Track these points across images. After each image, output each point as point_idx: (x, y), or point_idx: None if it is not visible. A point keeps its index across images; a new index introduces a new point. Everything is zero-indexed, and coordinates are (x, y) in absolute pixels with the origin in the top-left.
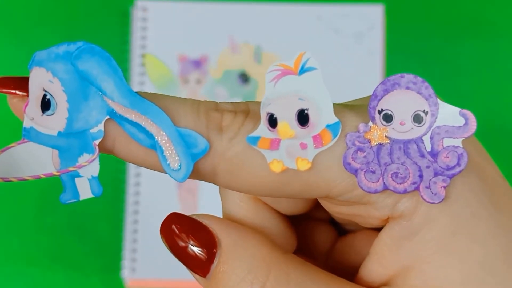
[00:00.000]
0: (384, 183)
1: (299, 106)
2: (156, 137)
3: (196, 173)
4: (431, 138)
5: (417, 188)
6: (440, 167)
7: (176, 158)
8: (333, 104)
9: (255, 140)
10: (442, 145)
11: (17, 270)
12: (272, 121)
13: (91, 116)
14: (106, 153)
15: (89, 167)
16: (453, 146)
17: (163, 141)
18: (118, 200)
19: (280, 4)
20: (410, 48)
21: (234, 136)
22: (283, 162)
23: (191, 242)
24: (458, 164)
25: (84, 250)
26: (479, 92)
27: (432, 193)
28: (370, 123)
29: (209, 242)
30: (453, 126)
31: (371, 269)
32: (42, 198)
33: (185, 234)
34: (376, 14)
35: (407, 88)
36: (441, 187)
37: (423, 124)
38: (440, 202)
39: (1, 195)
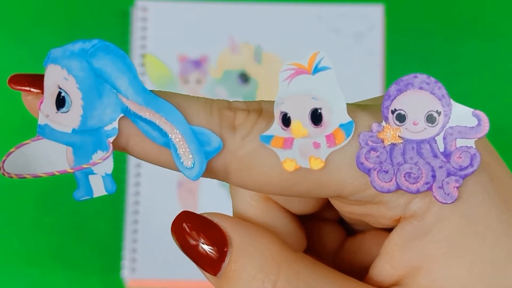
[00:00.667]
0: (397, 183)
1: (312, 105)
2: (169, 135)
3: (209, 171)
4: (444, 138)
5: (430, 188)
6: (453, 167)
7: (190, 156)
8: (347, 104)
9: (268, 138)
10: (455, 146)
11: (17, 270)
12: (286, 120)
13: (105, 113)
14: (120, 150)
15: (103, 165)
16: (466, 146)
17: (177, 139)
18: (118, 200)
19: (280, 4)
20: (410, 48)
21: (247, 135)
22: (296, 161)
23: (202, 240)
24: (471, 164)
25: (84, 250)
26: (478, 92)
27: (445, 193)
28: (383, 123)
29: (220, 240)
30: (466, 126)
31: (381, 269)
32: (42, 198)
33: (196, 233)
34: (376, 14)
35: (420, 88)
36: (454, 187)
37: (436, 125)
38: (453, 202)
39: (1, 195)
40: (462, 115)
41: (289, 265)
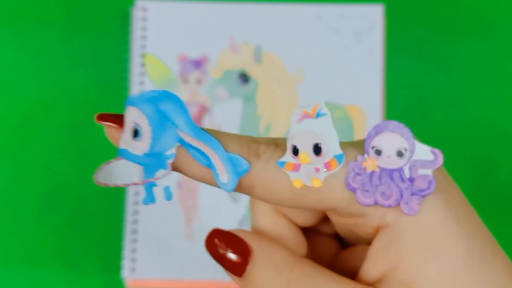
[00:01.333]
0: (374, 199)
1: (315, 141)
2: (211, 159)
3: (239, 187)
4: (410, 168)
5: (398, 204)
6: (415, 189)
7: (226, 174)
8: (340, 141)
9: (282, 164)
10: (417, 173)
11: (18, 270)
12: (295, 151)
13: (166, 142)
14: (175, 170)
15: (163, 180)
16: (425, 174)
17: (217, 162)
18: (118, 200)
19: (280, 4)
20: (410, 48)
21: (268, 160)
22: (302, 180)
23: (230, 251)
24: (428, 187)
25: (84, 250)
26: (478, 91)
27: (410, 208)
28: (366, 156)
29: (244, 250)
30: (425, 160)
31: (367, 270)
32: (43, 198)
33: (225, 245)
34: (376, 14)
35: (393, 131)
36: (416, 203)
37: (404, 158)
38: (415, 214)
39: (2, 195)
40: (423, 151)
41: (299, 267)
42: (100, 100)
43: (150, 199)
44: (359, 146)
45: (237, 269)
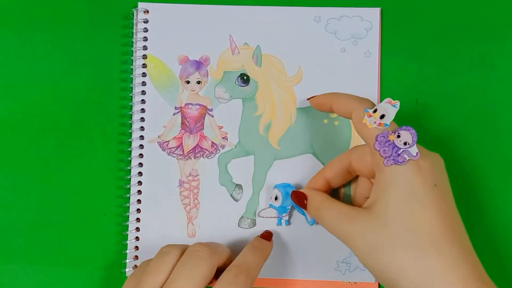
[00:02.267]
0: (379, 149)
1: (383, 112)
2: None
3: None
4: (403, 151)
5: (385, 158)
6: (397, 160)
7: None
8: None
9: (366, 110)
10: (403, 154)
11: (21, 267)
12: (375, 110)
13: (287, 203)
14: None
15: (285, 217)
16: (406, 158)
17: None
18: (121, 198)
19: (279, 6)
20: (406, 50)
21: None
22: (367, 121)
23: (301, 197)
24: (401, 162)
25: (87, 247)
26: (473, 93)
27: (387, 163)
28: (393, 133)
29: (304, 197)
30: (411, 153)
31: (367, 200)
32: (45, 197)
33: (295, 196)
34: (373, 16)
35: (411, 133)
36: (391, 164)
37: (405, 146)
38: (387, 166)
39: (5, 194)
40: (414, 150)
41: (326, 202)
42: (102, 100)
43: (279, 223)
44: (395, 127)
45: (304, 205)
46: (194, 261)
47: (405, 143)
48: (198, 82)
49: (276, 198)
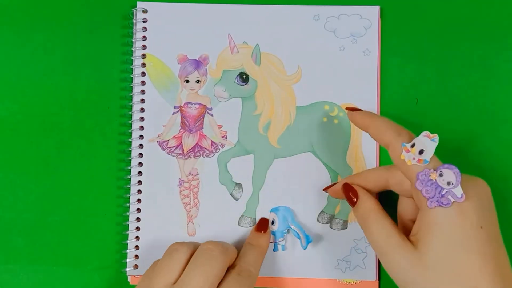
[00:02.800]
0: (421, 189)
1: (422, 147)
2: (300, 235)
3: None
4: (447, 192)
5: (428, 199)
6: (441, 201)
7: (304, 241)
8: (432, 156)
9: (404, 145)
10: (447, 195)
11: (21, 267)
12: (413, 145)
13: (284, 226)
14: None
15: (283, 241)
16: (451, 200)
17: (301, 237)
18: (121, 198)
19: (278, 5)
20: (405, 49)
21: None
22: (405, 157)
23: (350, 194)
24: (446, 204)
25: (87, 247)
26: (472, 92)
27: (431, 204)
28: (435, 172)
29: (356, 194)
30: (456, 194)
31: (411, 231)
32: (45, 197)
33: (346, 190)
34: (372, 15)
35: (454, 172)
36: (435, 205)
37: (449, 186)
38: (430, 208)
39: (5, 194)
40: (459, 191)
41: (374, 212)
42: (102, 100)
43: (275, 249)
44: (436, 164)
45: (352, 203)
46: (207, 260)
47: (448, 183)
48: (198, 81)
49: (273, 222)
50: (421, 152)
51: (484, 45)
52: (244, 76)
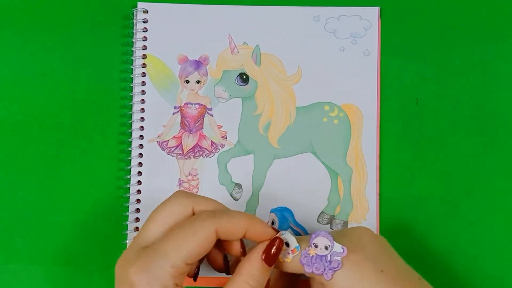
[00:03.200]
0: (312, 270)
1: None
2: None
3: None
4: (330, 255)
5: (322, 274)
6: (332, 267)
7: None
8: (296, 240)
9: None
10: (333, 258)
11: (21, 267)
12: (287, 244)
13: (284, 227)
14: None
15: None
16: (337, 259)
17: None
18: (120, 198)
19: (278, 6)
20: (405, 49)
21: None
22: (286, 258)
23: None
24: (337, 266)
25: (86, 248)
26: (472, 92)
27: (328, 276)
28: (310, 248)
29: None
30: (338, 252)
31: None
32: (45, 197)
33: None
34: (372, 15)
35: (323, 236)
36: (331, 274)
37: (328, 250)
38: (329, 279)
39: (5, 195)
40: (337, 247)
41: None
42: (102, 100)
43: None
44: (307, 241)
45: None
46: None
47: (326, 247)
48: (198, 82)
49: (272, 223)
50: (287, 244)
51: (484, 45)
52: (244, 77)
